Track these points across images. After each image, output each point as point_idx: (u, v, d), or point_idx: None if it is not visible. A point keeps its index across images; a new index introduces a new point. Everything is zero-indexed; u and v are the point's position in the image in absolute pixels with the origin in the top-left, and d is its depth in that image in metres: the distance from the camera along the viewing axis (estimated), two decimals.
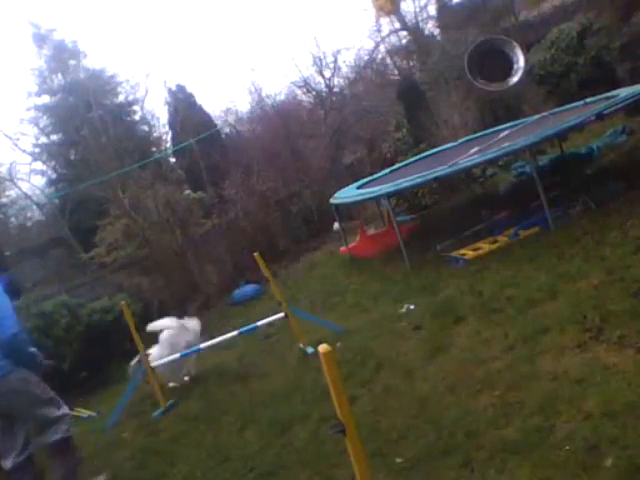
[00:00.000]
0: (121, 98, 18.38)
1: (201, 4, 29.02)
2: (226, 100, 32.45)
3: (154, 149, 16.72)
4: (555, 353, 3.40)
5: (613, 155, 8.04)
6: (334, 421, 1.97)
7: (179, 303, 9.57)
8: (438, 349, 4.17)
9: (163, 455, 4.38)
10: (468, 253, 6.08)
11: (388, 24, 16.87)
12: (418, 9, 16.89)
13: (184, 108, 15.19)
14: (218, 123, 16.49)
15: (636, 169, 6.60)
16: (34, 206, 17.46)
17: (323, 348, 1.92)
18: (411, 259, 6.63)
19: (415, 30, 16.72)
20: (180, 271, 10.00)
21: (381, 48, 17.35)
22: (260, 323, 5.65)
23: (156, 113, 23.92)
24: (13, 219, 18.09)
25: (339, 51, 16.63)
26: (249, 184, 11.59)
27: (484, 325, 4.24)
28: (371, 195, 7.49)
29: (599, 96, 7.36)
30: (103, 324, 7.98)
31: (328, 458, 3.30)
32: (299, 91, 16.85)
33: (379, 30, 16.98)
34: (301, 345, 5.43)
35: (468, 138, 9.23)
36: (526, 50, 11.50)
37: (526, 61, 10.55)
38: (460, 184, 10.02)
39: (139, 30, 32.08)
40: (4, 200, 17.08)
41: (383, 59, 17.85)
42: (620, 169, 7.06)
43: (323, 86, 16.25)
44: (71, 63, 17.55)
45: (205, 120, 15.44)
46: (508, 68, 9.72)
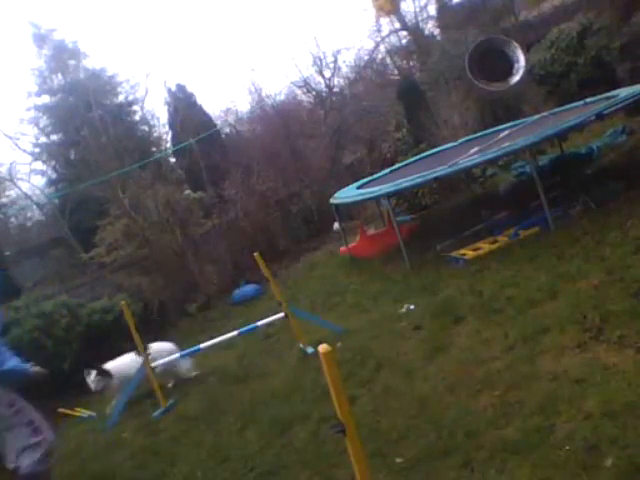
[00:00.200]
0: (121, 98, 18.34)
1: (201, 4, 29.04)
2: (226, 100, 32.47)
3: (154, 149, 16.70)
4: (555, 353, 3.41)
5: (613, 155, 8.04)
6: (334, 421, 1.97)
7: (179, 303, 9.58)
8: (438, 349, 4.17)
9: (163, 455, 4.38)
10: (468, 253, 6.08)
11: (388, 24, 16.93)
12: (418, 9, 16.95)
13: (184, 108, 15.17)
14: (218, 123, 16.47)
15: (636, 169, 6.60)
16: (34, 206, 17.43)
17: (323, 348, 1.92)
18: (411, 259, 6.63)
19: (415, 30, 16.73)
20: (180, 271, 9.99)
21: (381, 48, 17.41)
22: (260, 323, 5.65)
23: (156, 113, 24.00)
24: (13, 219, 18.05)
25: (339, 51, 16.69)
26: (249, 184, 11.59)
27: (484, 325, 4.24)
28: (371, 195, 7.49)
29: (599, 96, 7.37)
30: (103, 324, 7.98)
31: (328, 458, 3.30)
32: (299, 91, 16.88)
33: (379, 30, 17.03)
34: (301, 345, 5.44)
35: (468, 138, 9.24)
36: (526, 50, 11.50)
37: (526, 61, 10.56)
38: (460, 184, 10.03)
39: (139, 30, 32.10)
40: (4, 200, 17.04)
41: (383, 59, 17.89)
42: (620, 169, 7.06)
43: (323, 86, 16.26)
44: (71, 63, 17.52)
45: (205, 120, 15.41)
46: (508, 68, 9.74)
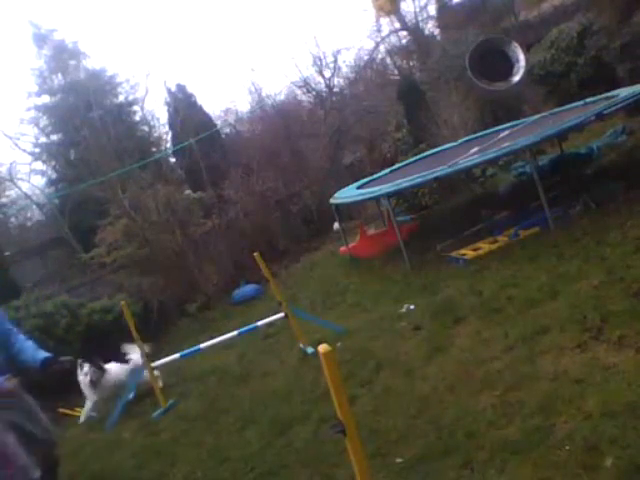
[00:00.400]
0: (121, 98, 18.30)
1: (201, 4, 29.03)
2: (226, 100, 32.45)
3: (154, 149, 16.68)
4: (555, 353, 3.41)
5: (613, 155, 8.03)
6: (334, 421, 1.97)
7: (179, 303, 9.57)
8: (438, 349, 4.17)
9: (163, 455, 4.38)
10: (468, 253, 6.08)
11: (388, 24, 16.95)
12: (418, 9, 16.95)
13: (184, 108, 15.15)
14: (218, 123, 16.47)
15: (636, 169, 6.59)
16: (34, 206, 17.40)
17: (323, 348, 1.91)
18: (411, 259, 6.63)
19: (415, 30, 16.73)
20: (180, 271, 9.98)
21: (381, 48, 17.40)
22: (260, 323, 5.65)
23: (156, 113, 23.87)
24: (13, 219, 18.03)
25: (339, 51, 16.69)
26: (249, 184, 11.59)
27: (484, 325, 4.24)
28: (371, 195, 7.49)
29: (599, 96, 7.36)
30: (103, 324, 7.98)
31: (328, 458, 3.30)
32: (299, 91, 16.87)
33: (379, 30, 17.04)
34: (301, 345, 5.43)
35: (468, 138, 9.23)
36: (526, 50, 11.51)
37: (526, 61, 10.57)
38: (460, 184, 10.02)
39: (139, 30, 32.06)
40: (4, 200, 17.02)
41: (383, 59, 17.89)
42: (620, 169, 7.05)
43: (323, 86, 16.25)
44: (71, 63, 17.49)
45: (205, 120, 15.40)
46: (509, 67, 9.74)
